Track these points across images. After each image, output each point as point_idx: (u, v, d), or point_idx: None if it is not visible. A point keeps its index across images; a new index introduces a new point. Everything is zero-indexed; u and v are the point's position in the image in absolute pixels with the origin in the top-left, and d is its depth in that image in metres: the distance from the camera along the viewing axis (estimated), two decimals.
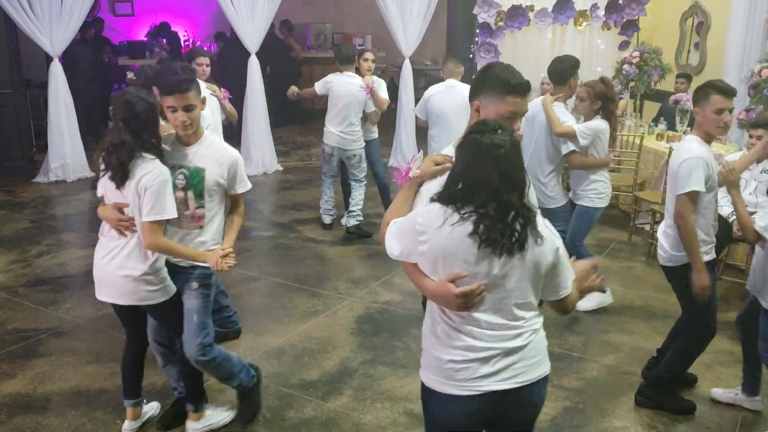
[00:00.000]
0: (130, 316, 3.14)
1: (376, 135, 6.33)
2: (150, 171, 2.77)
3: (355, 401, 3.59)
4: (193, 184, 2.90)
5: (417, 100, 8.66)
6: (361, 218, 6.06)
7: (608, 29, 8.37)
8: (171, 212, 2.80)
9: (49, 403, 3.52)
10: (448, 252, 2.00)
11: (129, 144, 2.75)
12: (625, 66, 7.61)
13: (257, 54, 8.05)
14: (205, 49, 11.34)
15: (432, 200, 2.07)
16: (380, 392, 3.67)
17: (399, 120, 8.51)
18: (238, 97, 8.34)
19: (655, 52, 7.60)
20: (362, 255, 5.68)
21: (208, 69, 4.96)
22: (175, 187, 2.87)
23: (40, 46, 7.56)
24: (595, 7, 8.11)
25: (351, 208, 6.09)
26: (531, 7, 8.00)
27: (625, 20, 8.28)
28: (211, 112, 4.61)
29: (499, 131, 2.02)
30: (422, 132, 8.44)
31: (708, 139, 3.30)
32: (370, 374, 3.85)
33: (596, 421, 3.45)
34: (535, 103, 4.55)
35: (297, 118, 11.00)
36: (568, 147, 4.40)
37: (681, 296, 3.53)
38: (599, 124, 4.40)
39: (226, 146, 3.04)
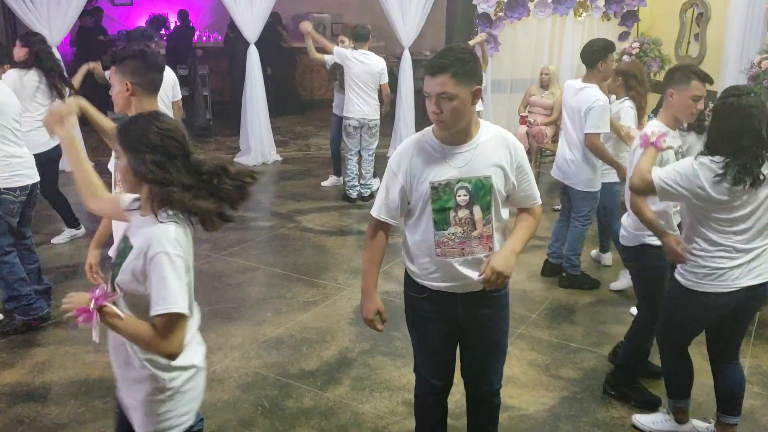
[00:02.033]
0: None
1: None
2: None
3: (354, 391, 3.60)
4: None
5: (416, 91, 8.68)
6: (373, 186, 6.88)
7: (608, 20, 8.35)
8: None
9: (48, 393, 3.53)
10: None
11: None
12: (625, 57, 7.59)
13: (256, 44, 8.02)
14: (204, 39, 11.32)
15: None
16: (378, 382, 3.68)
17: (398, 110, 8.49)
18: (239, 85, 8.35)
19: (654, 43, 7.59)
20: (361, 245, 5.67)
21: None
22: None
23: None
24: None
25: (366, 182, 6.90)
26: None
27: (625, 11, 8.26)
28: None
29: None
30: (421, 122, 8.44)
31: (673, 124, 3.24)
32: (368, 364, 3.86)
33: (594, 411, 3.47)
34: (569, 85, 4.70)
35: (296, 107, 10.97)
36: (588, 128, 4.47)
37: (633, 280, 3.56)
38: (605, 99, 4.44)
39: None
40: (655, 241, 3.15)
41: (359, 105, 6.57)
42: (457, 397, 2.92)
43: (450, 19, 8.90)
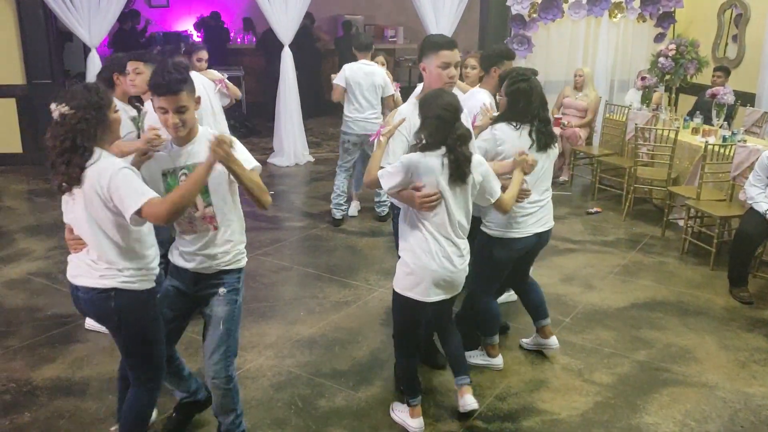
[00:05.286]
0: None
1: None
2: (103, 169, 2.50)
3: (386, 392, 3.62)
4: None
5: None
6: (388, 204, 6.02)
7: (643, 21, 8.26)
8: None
9: (87, 388, 3.61)
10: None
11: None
12: (661, 59, 7.48)
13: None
14: (239, 41, 11.46)
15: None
16: None
17: None
18: (272, 85, 8.42)
19: (692, 44, 7.46)
20: (392, 246, 5.68)
21: (206, 65, 5.23)
22: None
23: (79, 37, 7.71)
24: None
25: (381, 199, 6.22)
26: None
27: (661, 12, 8.17)
28: (209, 100, 4.86)
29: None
30: None
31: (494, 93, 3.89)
32: None
33: (627, 416, 3.44)
34: (471, 93, 4.19)
35: (328, 109, 11.03)
36: None
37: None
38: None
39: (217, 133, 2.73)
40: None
41: (359, 120, 5.97)
42: None
43: (483, 20, 8.87)
